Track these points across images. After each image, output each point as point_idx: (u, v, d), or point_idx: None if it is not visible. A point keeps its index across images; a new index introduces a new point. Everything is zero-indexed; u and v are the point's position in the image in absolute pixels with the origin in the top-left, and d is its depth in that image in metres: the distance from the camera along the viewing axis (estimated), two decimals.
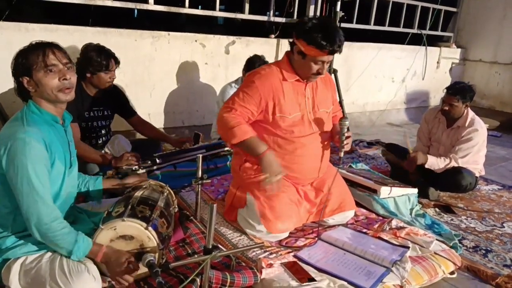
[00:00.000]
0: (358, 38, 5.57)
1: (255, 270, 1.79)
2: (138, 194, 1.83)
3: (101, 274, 1.60)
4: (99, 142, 2.79)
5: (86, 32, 3.46)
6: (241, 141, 2.02)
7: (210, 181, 2.47)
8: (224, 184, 2.79)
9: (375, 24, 5.76)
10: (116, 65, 2.66)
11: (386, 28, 5.94)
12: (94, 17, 4.31)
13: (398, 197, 2.64)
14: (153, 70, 3.93)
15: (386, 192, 2.61)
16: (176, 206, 2.12)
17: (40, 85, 1.53)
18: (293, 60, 2.14)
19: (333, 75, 4.26)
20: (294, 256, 1.99)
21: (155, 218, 1.71)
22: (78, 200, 1.98)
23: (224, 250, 1.64)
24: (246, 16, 4.74)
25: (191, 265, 1.72)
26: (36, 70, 1.52)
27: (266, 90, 2.07)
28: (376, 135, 4.96)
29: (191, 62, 4.16)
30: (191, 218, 2.22)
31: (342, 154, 2.21)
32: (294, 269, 1.86)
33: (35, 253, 1.57)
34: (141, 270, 1.64)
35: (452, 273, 2.07)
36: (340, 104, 2.54)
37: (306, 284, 1.75)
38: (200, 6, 5.94)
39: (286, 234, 2.15)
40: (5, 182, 1.50)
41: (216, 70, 4.35)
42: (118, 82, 3.18)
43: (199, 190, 2.21)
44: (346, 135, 2.17)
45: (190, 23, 6.09)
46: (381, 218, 2.49)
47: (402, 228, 2.29)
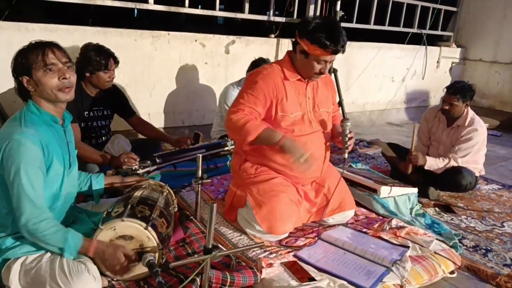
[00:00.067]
0: (358, 38, 5.57)
1: (255, 270, 1.79)
2: (138, 194, 1.83)
3: (101, 274, 1.60)
4: (99, 142, 2.79)
5: (86, 32, 3.46)
6: (257, 136, 2.00)
7: (210, 180, 2.47)
8: (224, 183, 2.79)
9: (375, 23, 5.75)
10: (115, 64, 2.65)
11: (386, 27, 5.94)
12: (94, 17, 4.31)
13: (398, 196, 2.64)
14: (153, 69, 3.93)
15: (386, 191, 2.61)
16: (176, 206, 2.12)
17: (39, 84, 1.53)
18: (295, 59, 2.14)
19: (333, 75, 4.25)
20: (294, 255, 1.99)
21: (155, 218, 1.71)
22: (78, 200, 1.98)
23: (224, 249, 1.63)
24: (246, 15, 4.74)
25: (191, 264, 1.72)
26: (35, 70, 1.52)
27: (269, 89, 2.07)
28: (376, 135, 4.96)
29: (191, 61, 4.16)
30: (191, 217, 2.22)
31: (347, 156, 2.22)
32: (294, 268, 1.86)
33: (35, 253, 1.57)
34: (141, 270, 1.65)
35: (452, 272, 2.07)
36: (340, 104, 2.53)
37: (306, 283, 1.75)
38: (200, 6, 5.93)
39: (286, 234, 2.15)
40: (3, 183, 1.50)
41: (216, 70, 4.35)
42: (118, 82, 3.18)
43: (199, 189, 2.21)
44: (348, 136, 2.18)
45: (190, 23, 6.08)
46: (381, 217, 2.49)
47: (402, 227, 2.29)
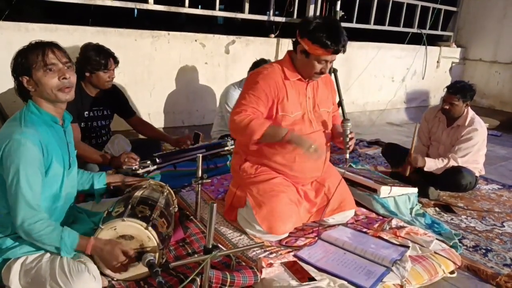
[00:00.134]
0: (358, 38, 5.56)
1: (255, 270, 1.79)
2: (138, 194, 1.83)
3: (101, 274, 1.60)
4: (99, 142, 2.79)
5: (86, 32, 3.46)
6: (262, 134, 2.00)
7: (210, 180, 2.47)
8: (224, 183, 2.79)
9: (375, 23, 5.75)
10: (115, 64, 2.65)
11: (386, 27, 5.93)
12: (94, 16, 4.31)
13: (398, 196, 2.64)
14: (153, 69, 3.92)
15: (386, 191, 2.61)
16: (176, 206, 2.12)
17: (39, 84, 1.53)
18: (295, 59, 2.14)
19: (333, 75, 4.26)
20: (294, 255, 1.99)
21: (155, 218, 1.71)
22: (78, 200, 1.98)
23: (224, 249, 1.63)
24: (246, 15, 4.74)
25: (191, 264, 1.72)
26: (35, 70, 1.52)
27: (270, 89, 2.08)
28: (376, 135, 4.96)
29: (191, 61, 4.15)
30: (191, 217, 2.22)
31: (348, 156, 2.22)
32: (294, 268, 1.86)
33: (35, 253, 1.57)
34: (141, 270, 1.65)
35: (452, 272, 2.07)
36: (340, 104, 2.53)
37: (306, 283, 1.75)
38: (200, 6, 5.92)
39: (286, 234, 2.15)
40: (3, 183, 1.50)
41: (216, 70, 4.35)
42: (118, 82, 3.18)
43: (199, 189, 2.21)
44: (349, 137, 2.18)
45: (190, 23, 6.08)
46: (381, 217, 2.49)
47: (402, 227, 2.30)
